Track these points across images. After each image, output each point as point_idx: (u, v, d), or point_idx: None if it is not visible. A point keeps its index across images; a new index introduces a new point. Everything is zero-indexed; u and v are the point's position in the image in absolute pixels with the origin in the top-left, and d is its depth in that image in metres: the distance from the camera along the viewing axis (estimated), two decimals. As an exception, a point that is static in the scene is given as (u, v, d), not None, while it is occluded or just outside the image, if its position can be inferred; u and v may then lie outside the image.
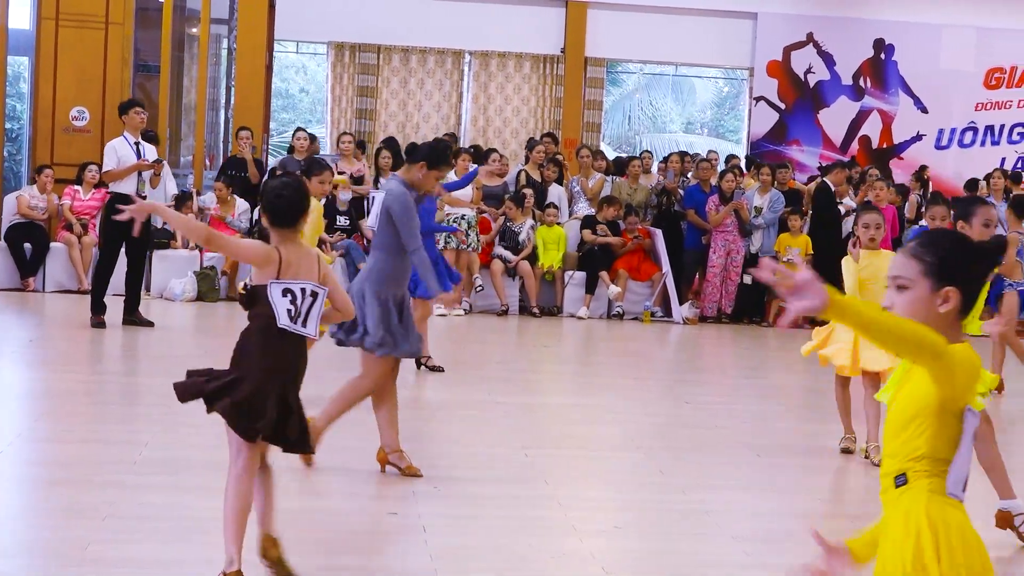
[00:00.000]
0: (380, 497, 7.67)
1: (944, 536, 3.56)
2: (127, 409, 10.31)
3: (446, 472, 8.20)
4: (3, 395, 10.77)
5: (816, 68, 24.53)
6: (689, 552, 7.06)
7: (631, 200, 19.69)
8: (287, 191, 5.98)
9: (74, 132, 19.09)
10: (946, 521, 3.58)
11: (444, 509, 7.46)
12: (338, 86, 23.60)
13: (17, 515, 7.14)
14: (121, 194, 14.62)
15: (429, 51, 23.60)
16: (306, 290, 5.90)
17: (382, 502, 7.55)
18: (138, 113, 14.78)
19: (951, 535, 3.56)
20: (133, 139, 14.68)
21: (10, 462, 8.21)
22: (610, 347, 16.35)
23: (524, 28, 23.72)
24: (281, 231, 5.95)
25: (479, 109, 23.85)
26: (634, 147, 36.31)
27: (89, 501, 7.15)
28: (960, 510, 3.62)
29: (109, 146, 14.78)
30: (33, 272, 18.05)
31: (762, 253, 19.09)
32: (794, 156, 24.07)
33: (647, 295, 18.93)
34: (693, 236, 19.61)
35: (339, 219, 18.27)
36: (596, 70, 24.08)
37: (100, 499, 7.17)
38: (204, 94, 20.92)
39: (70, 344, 13.84)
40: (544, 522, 7.25)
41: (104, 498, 7.19)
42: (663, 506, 7.93)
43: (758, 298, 19.16)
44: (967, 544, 3.58)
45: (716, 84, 38.91)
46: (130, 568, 6.12)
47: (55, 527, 6.72)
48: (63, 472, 7.94)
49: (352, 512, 7.42)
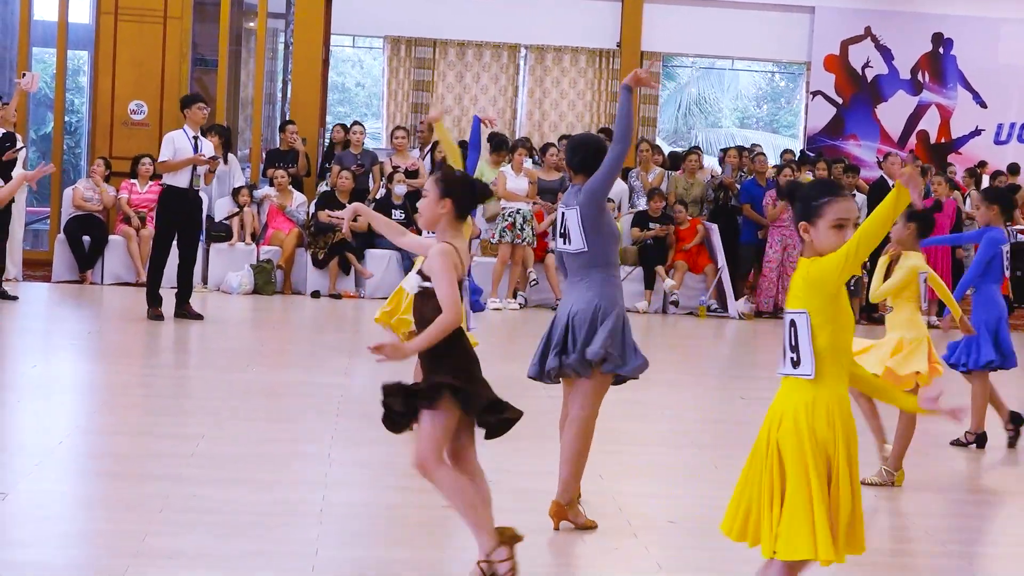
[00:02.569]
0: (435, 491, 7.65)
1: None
2: (182, 402, 10.35)
3: (500, 466, 8.18)
4: (61, 387, 10.83)
5: (874, 62, 24.36)
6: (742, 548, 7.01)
7: (686, 196, 19.61)
8: (470, 181, 6.00)
9: (132, 126, 19.19)
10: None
11: (498, 503, 7.43)
12: (394, 80, 23.64)
13: (74, 507, 7.17)
14: (175, 187, 14.68)
15: (485, 45, 23.59)
16: (463, 283, 5.92)
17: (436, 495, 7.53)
18: (200, 108, 14.80)
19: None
20: (192, 133, 14.71)
21: (67, 454, 8.26)
22: (665, 342, 16.29)
23: (580, 22, 23.67)
24: (461, 223, 5.96)
25: (535, 103, 23.83)
26: (688, 142, 36.23)
27: (144, 494, 7.17)
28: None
29: (167, 137, 14.82)
30: (91, 265, 18.16)
31: (819, 248, 18.97)
32: (851, 151, 23.92)
33: (702, 290, 18.86)
34: (749, 231, 19.51)
35: (394, 213, 18.28)
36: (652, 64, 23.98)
37: (155, 492, 7.20)
38: (261, 88, 20.99)
39: (127, 337, 13.91)
40: (599, 518, 7.21)
41: (159, 491, 7.22)
42: (718, 502, 7.85)
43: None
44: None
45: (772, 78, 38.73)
46: (184, 560, 6.14)
47: (111, 519, 6.75)
48: (119, 465, 7.98)
49: (406, 505, 7.41)
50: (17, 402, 9.76)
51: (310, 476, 7.84)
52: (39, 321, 15.12)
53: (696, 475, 8.65)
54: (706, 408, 11.39)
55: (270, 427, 9.37)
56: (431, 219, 5.92)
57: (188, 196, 14.71)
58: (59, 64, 20.19)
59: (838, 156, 22.18)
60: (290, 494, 7.19)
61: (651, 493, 8.13)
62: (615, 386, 7.23)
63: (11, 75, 21.23)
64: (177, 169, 14.56)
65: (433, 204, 5.88)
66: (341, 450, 8.55)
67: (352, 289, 18.25)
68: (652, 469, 8.91)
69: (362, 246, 18.29)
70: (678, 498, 8.04)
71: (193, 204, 14.86)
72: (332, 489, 7.56)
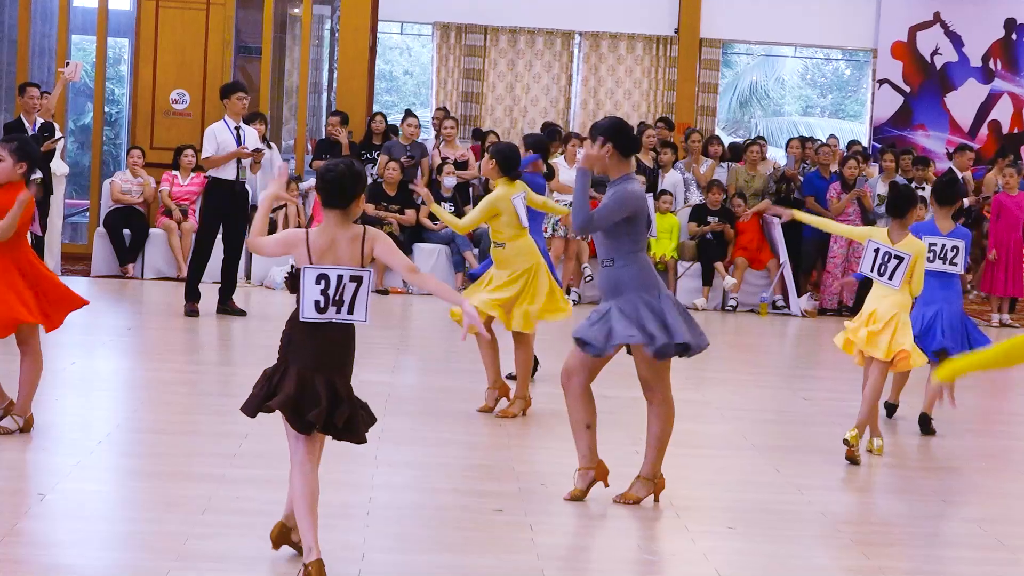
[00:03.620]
0: (485, 494, 7.68)
1: None
2: (225, 400, 10.39)
3: (553, 469, 8.19)
4: (101, 385, 10.92)
5: (943, 49, 24.20)
6: (805, 555, 7.01)
7: (746, 188, 19.52)
8: (336, 170, 6.01)
9: (174, 116, 19.29)
10: None
11: (551, 507, 7.46)
12: (443, 68, 23.66)
13: (114, 507, 7.23)
14: (220, 179, 14.77)
15: (538, 32, 23.59)
16: (343, 276, 5.92)
17: (487, 499, 7.56)
18: (240, 99, 14.85)
19: None
20: (234, 124, 14.78)
21: (108, 453, 8.32)
22: (724, 340, 16.25)
23: (636, 8, 23.62)
24: (329, 211, 6.04)
25: (589, 92, 23.81)
26: (749, 132, 36.13)
27: (187, 494, 7.22)
28: None
29: (209, 131, 14.90)
30: (132, 259, 18.26)
31: (885, 243, 18.89)
32: (920, 142, 23.78)
33: (763, 286, 18.79)
34: (813, 225, 19.40)
35: (444, 205, 18.31)
36: (711, 51, 23.94)
37: (198, 492, 7.25)
38: (306, 77, 21.07)
39: (168, 333, 14.00)
40: (656, 522, 7.22)
41: (202, 492, 7.26)
42: (779, 507, 7.87)
43: (880, 290, 18.92)
44: None
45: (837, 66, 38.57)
46: (228, 564, 6.18)
47: (152, 520, 6.80)
48: (160, 464, 8.04)
49: (456, 508, 7.43)
50: (56, 400, 9.84)
51: (356, 477, 7.87)
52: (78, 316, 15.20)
53: (757, 479, 8.63)
54: (767, 409, 11.36)
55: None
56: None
57: (235, 189, 14.80)
58: (99, 52, 20.31)
59: (906, 147, 22.04)
60: (335, 496, 7.22)
61: (710, 498, 8.12)
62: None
63: (50, 63, 21.37)
64: (221, 164, 14.65)
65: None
66: (388, 450, 8.58)
67: (400, 284, 18.29)
68: (711, 473, 8.90)
69: (410, 240, 18.33)
70: (738, 503, 8.02)
71: (239, 197, 14.94)
72: (379, 491, 7.60)
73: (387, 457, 8.42)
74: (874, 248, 9.51)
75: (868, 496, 8.62)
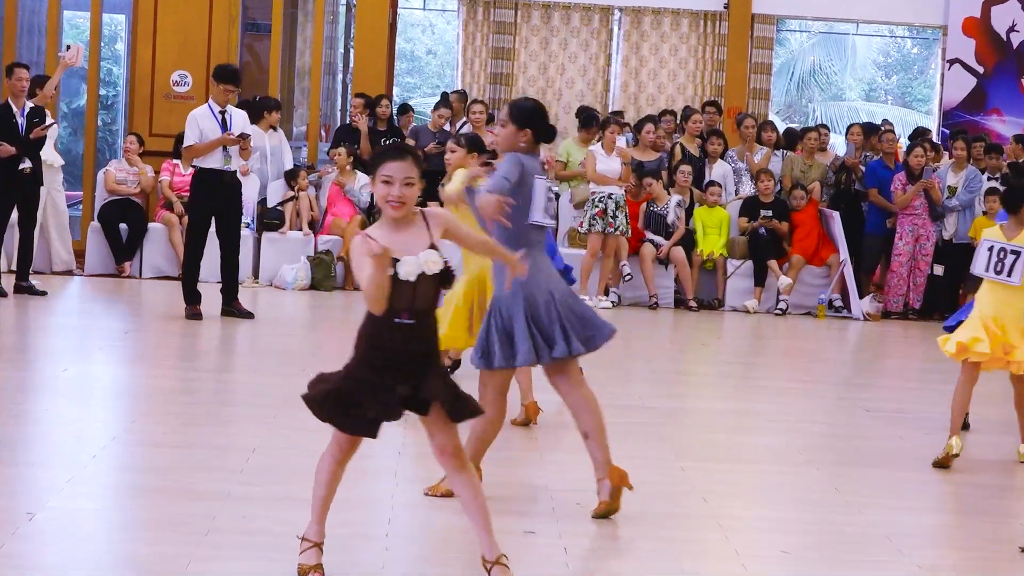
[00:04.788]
0: (516, 513, 7.68)
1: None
2: (231, 410, 10.43)
3: (589, 486, 8.19)
4: (97, 394, 10.95)
5: (1021, 25, 24.10)
6: (867, 582, 7.00)
7: (803, 179, 19.49)
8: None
9: (175, 99, 19.34)
10: None
11: (587, 528, 7.46)
12: (470, 47, 23.66)
13: (112, 527, 7.25)
14: (207, 169, 14.75)
15: (574, 7, 23.57)
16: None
17: (519, 519, 7.56)
18: (227, 91, 14.81)
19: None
20: (218, 108, 14.78)
21: (104, 468, 8.34)
22: (778, 345, 16.23)
23: (682, -19, 23.62)
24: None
25: (630, 74, 23.78)
26: (806, 117, 36.07)
27: (190, 512, 7.24)
28: None
29: (191, 116, 14.86)
30: (129, 256, 18.31)
31: (956, 239, 18.86)
32: (994, 127, 23.70)
33: (821, 286, 18.74)
34: (876, 219, 19.38)
35: (470, 197, 18.27)
36: (764, 28, 23.87)
37: (202, 511, 7.26)
38: (320, 56, 21.10)
39: (168, 337, 14.03)
40: (702, 545, 7.22)
41: (206, 510, 7.28)
42: (838, 528, 7.86)
43: (951, 291, 18.90)
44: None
45: (903, 45, 38.48)
46: (234, 588, 6.20)
47: (152, 541, 6.82)
48: (161, 480, 8.06)
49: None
50: (46, 410, 9.88)
51: (375, 495, 7.88)
52: (71, 319, 15.30)
53: (813, 498, 8.61)
54: (825, 421, 11.34)
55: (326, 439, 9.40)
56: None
57: (223, 179, 14.76)
58: (93, 30, 20.39)
59: (979, 133, 21.96)
60: (352, 515, 7.23)
61: (761, 518, 8.11)
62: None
63: (40, 41, 21.43)
64: (205, 153, 14.65)
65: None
66: (409, 466, 8.59)
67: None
68: (763, 490, 8.90)
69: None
70: (792, 524, 8.01)
71: (230, 188, 14.89)
72: (399, 510, 7.61)
73: (408, 473, 8.43)
74: (988, 246, 9.47)
75: (939, 516, 8.59)
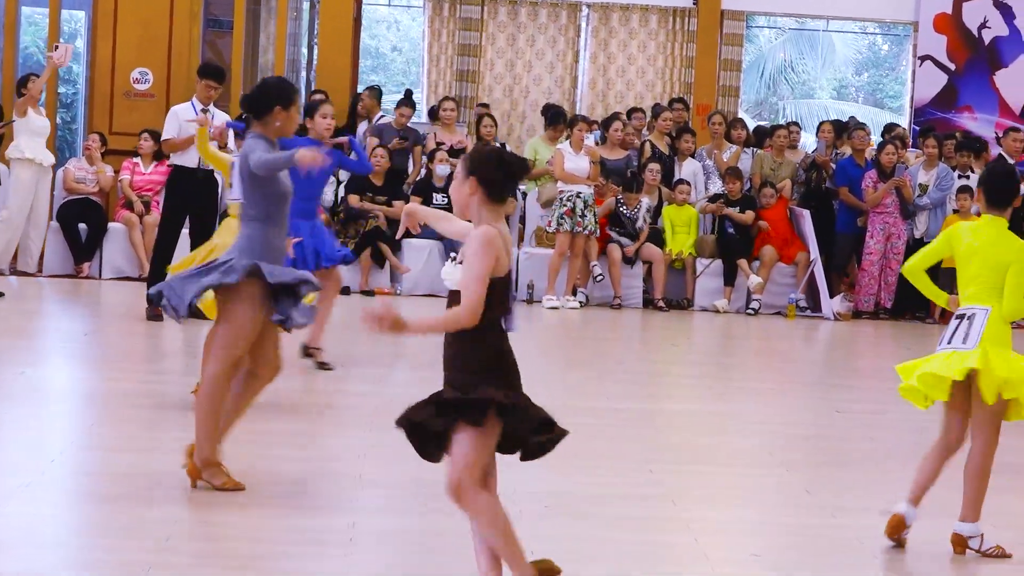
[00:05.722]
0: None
1: None
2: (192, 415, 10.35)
3: (557, 488, 8.17)
4: (55, 397, 10.90)
5: (992, 22, 24.17)
6: (840, 586, 7.00)
7: (774, 176, 19.51)
8: (508, 155, 5.92)
9: (135, 97, 19.27)
10: None
11: (555, 531, 7.43)
12: (436, 44, 23.65)
13: (70, 534, 7.21)
14: (183, 167, 14.76)
15: (541, 3, 23.57)
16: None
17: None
18: (209, 87, 14.78)
19: None
20: (200, 106, 14.76)
21: (62, 473, 8.30)
22: (748, 346, 16.25)
23: (650, -24, 23.63)
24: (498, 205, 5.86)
25: (598, 70, 23.78)
26: (777, 115, 36.15)
27: (150, 519, 7.20)
28: None
29: (172, 111, 14.93)
30: (88, 257, 18.25)
31: (927, 238, 18.88)
32: (966, 125, 23.76)
33: (791, 286, 18.75)
34: (847, 218, 19.41)
35: (436, 197, 18.27)
36: (734, 25, 23.89)
37: (163, 517, 7.23)
38: (283, 54, 21.04)
39: (129, 339, 13.99)
40: (672, 549, 7.21)
41: (167, 516, 7.25)
42: (809, 531, 7.86)
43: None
44: None
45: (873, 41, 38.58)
46: (195, 596, 6.17)
47: (112, 548, 6.78)
48: (121, 486, 8.01)
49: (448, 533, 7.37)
50: (3, 414, 9.83)
51: (338, 499, 7.86)
52: (28, 320, 15.23)
53: (784, 500, 8.62)
54: (797, 422, 11.35)
55: (293, 443, 9.39)
56: (460, 202, 5.86)
57: (198, 177, 14.78)
58: (51, 26, 20.28)
59: (950, 131, 22.02)
60: (315, 520, 7.21)
61: (732, 520, 8.11)
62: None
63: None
64: (183, 148, 14.63)
65: (459, 185, 5.82)
66: (374, 469, 8.56)
67: (387, 285, 18.28)
68: (734, 492, 8.89)
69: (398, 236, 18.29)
70: (763, 526, 8.02)
71: (206, 186, 14.92)
72: (363, 514, 7.58)
73: (372, 476, 8.40)
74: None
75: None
